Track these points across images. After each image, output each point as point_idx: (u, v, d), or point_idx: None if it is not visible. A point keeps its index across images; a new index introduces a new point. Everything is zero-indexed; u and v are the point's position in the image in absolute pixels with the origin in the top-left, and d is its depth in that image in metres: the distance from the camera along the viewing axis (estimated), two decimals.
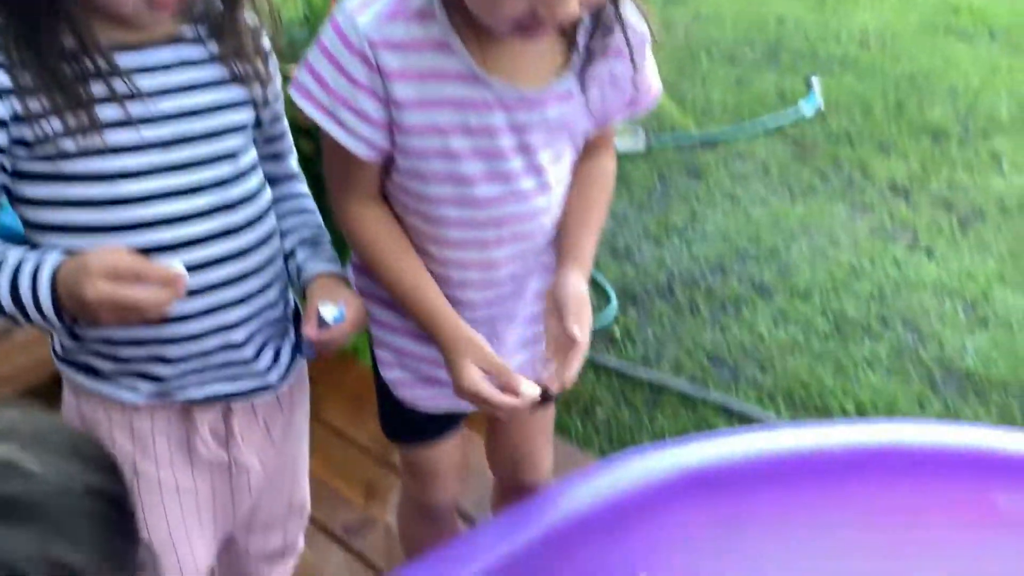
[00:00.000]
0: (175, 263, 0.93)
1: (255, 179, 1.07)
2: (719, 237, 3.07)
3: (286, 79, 1.06)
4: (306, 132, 1.24)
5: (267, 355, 1.11)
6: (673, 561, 0.93)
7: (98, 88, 0.94)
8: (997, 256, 2.99)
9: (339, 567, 1.79)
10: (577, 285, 1.08)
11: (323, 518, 1.85)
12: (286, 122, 1.17)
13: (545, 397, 1.05)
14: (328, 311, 1.02)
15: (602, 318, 2.62)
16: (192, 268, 0.97)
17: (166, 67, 0.99)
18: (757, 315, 2.73)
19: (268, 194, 1.10)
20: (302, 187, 1.21)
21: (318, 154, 1.10)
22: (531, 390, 1.03)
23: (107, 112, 0.94)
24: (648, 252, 3.02)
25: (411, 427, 1.29)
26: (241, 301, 1.05)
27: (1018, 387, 2.50)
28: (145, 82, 0.97)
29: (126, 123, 0.96)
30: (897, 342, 2.65)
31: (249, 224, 1.05)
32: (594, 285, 2.82)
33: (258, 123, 1.09)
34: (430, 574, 1.04)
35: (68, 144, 0.93)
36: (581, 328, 1.05)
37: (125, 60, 0.96)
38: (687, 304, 2.79)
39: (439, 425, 1.27)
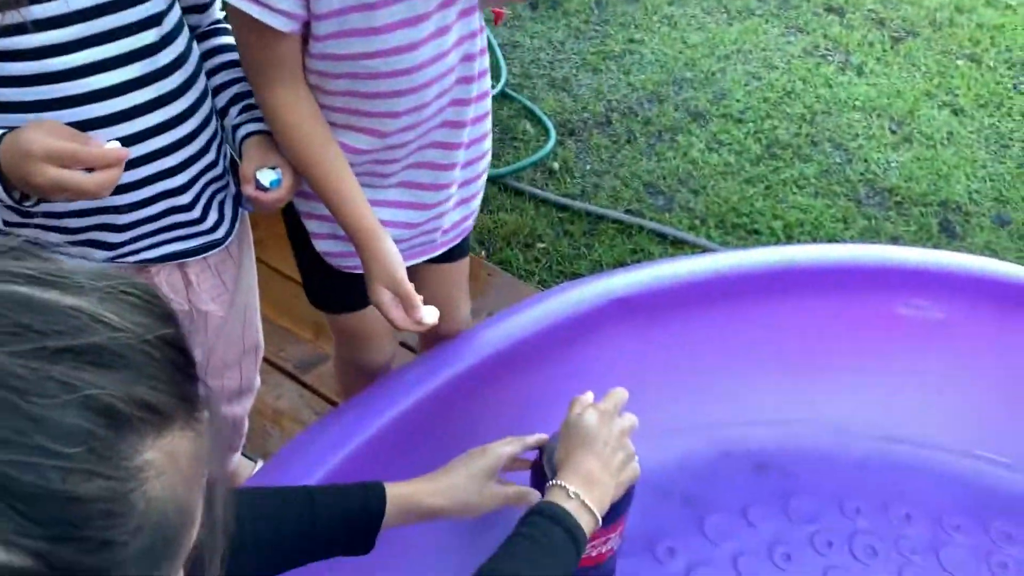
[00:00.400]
0: (112, 143, 0.94)
1: (182, 41, 1.05)
2: (656, 64, 3.06)
3: None
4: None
5: (213, 214, 1.13)
6: (604, 384, 1.02)
7: None
8: (925, 73, 3.05)
9: (293, 400, 1.89)
10: None
11: (275, 355, 1.94)
12: None
13: None
14: (266, 176, 1.03)
15: (541, 152, 2.65)
16: (130, 140, 0.98)
17: None
18: (692, 142, 2.78)
19: (196, 53, 1.09)
20: (229, 39, 1.19)
21: None
22: (431, 318, 1.08)
23: None
24: (586, 82, 3.00)
25: (341, 296, 1.31)
26: (182, 165, 1.06)
27: (937, 202, 2.63)
28: None
29: None
30: (825, 162, 2.73)
31: (181, 89, 1.04)
32: (532, 118, 2.83)
33: None
34: (372, 408, 1.11)
35: None
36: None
37: None
38: (624, 134, 2.82)
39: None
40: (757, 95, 2.93)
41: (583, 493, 0.87)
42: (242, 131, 1.10)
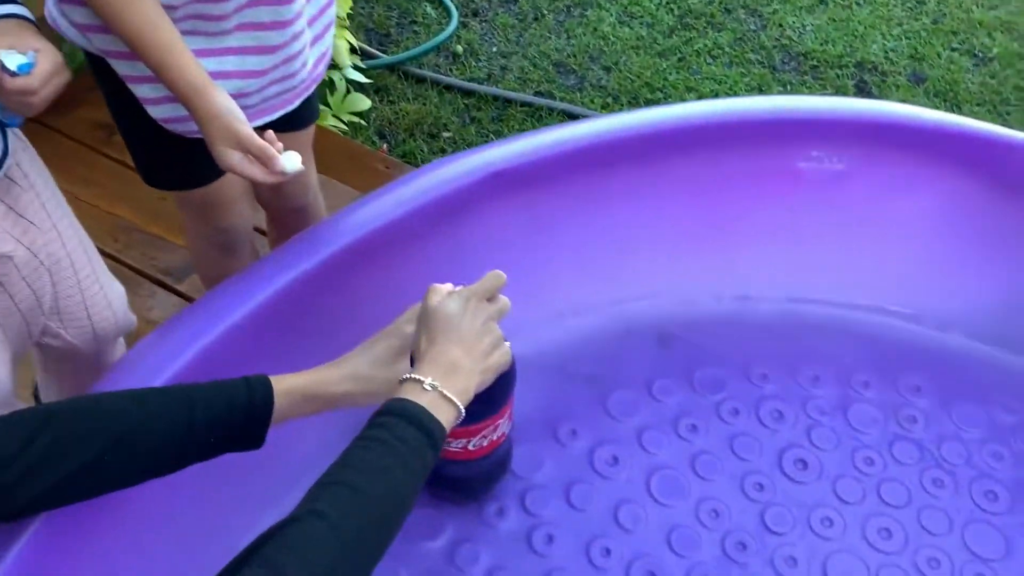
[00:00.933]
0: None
1: None
2: None
3: None
4: None
5: None
6: (485, 261, 0.94)
7: None
8: None
9: (167, 311, 1.77)
10: None
11: (146, 264, 1.82)
12: None
13: None
14: (11, 59, 0.89)
15: (442, 35, 2.49)
16: None
17: None
18: (602, 16, 2.65)
19: None
20: None
21: None
22: (293, 164, 0.98)
23: None
24: None
25: (189, 168, 1.20)
26: None
27: (853, 63, 2.55)
28: None
29: None
30: (740, 30, 2.63)
31: None
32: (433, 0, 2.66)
33: None
34: (224, 303, 1.01)
35: None
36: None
37: None
38: (531, 11, 2.67)
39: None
40: None
41: (442, 384, 0.80)
42: None
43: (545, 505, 1.07)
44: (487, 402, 0.90)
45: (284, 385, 0.85)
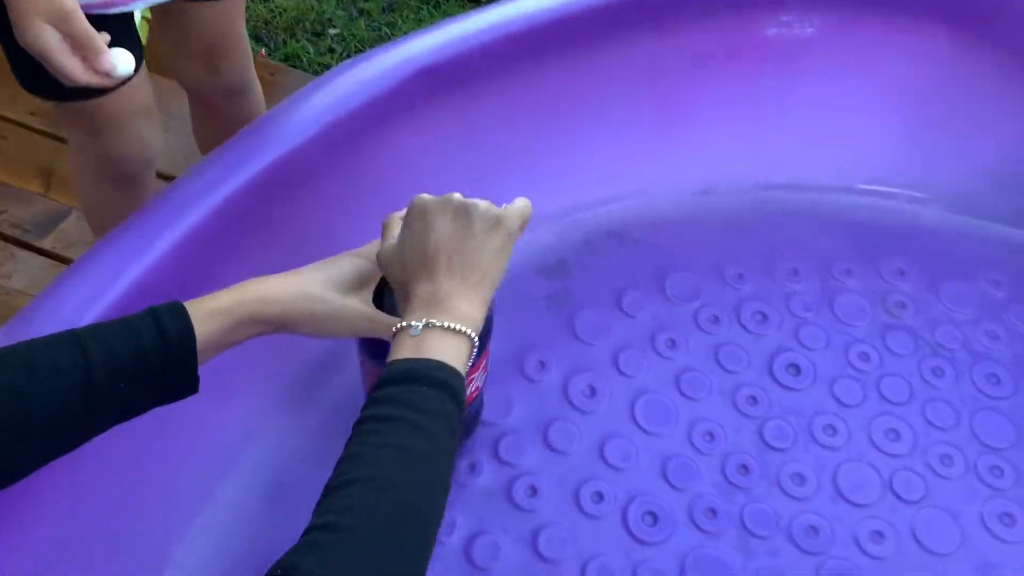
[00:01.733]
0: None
1: None
2: None
3: None
4: None
5: None
6: (415, 165, 0.76)
7: None
8: None
9: (32, 275, 1.47)
10: None
11: (2, 224, 1.53)
12: None
13: None
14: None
15: None
16: None
17: None
18: None
19: None
20: None
21: None
22: (125, 65, 0.76)
23: None
24: None
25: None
26: None
27: None
28: None
29: None
30: None
31: None
32: None
33: None
34: (132, 245, 0.81)
35: None
36: None
37: None
38: None
39: None
40: None
41: (434, 316, 0.62)
42: None
43: (522, 452, 0.93)
44: None
45: (204, 308, 0.65)
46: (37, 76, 1.01)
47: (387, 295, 0.74)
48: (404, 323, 0.63)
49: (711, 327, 1.05)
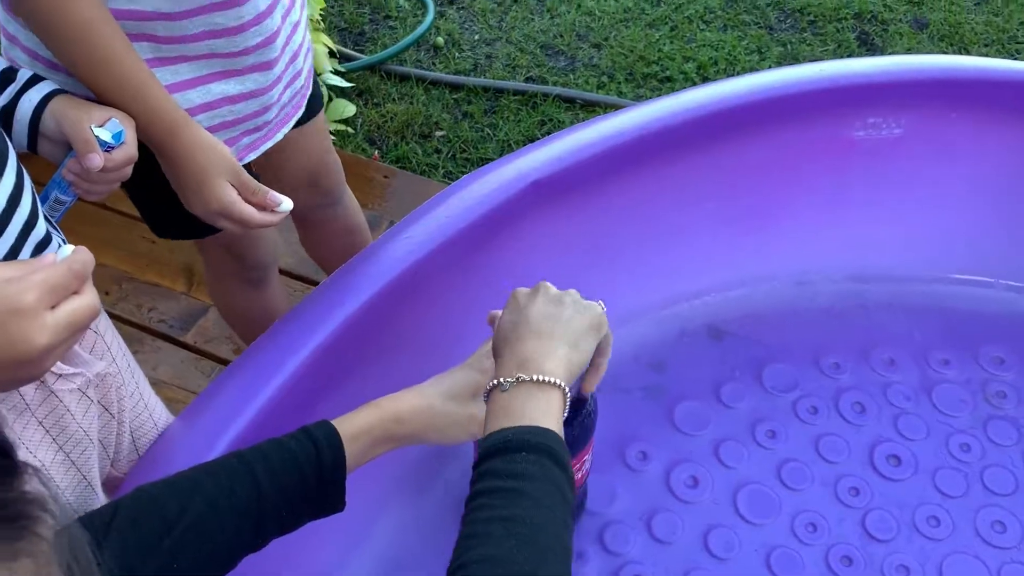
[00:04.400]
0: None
1: None
2: None
3: None
4: None
5: None
6: (536, 271, 0.84)
7: None
8: None
9: (175, 367, 1.58)
10: None
11: (143, 317, 1.67)
12: None
13: None
14: (105, 132, 0.80)
15: (420, 27, 2.37)
16: None
17: None
18: None
19: None
20: None
21: None
22: (288, 204, 0.89)
23: None
24: None
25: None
26: None
27: (852, 15, 2.45)
28: None
29: None
30: None
31: None
32: None
33: None
34: (283, 350, 0.90)
35: None
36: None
37: None
38: None
39: None
40: None
41: (527, 372, 0.66)
42: (35, 97, 0.81)
43: (627, 542, 0.98)
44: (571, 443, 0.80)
45: (349, 431, 0.73)
46: (170, 223, 1.12)
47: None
48: (496, 380, 0.68)
49: (810, 417, 1.08)
